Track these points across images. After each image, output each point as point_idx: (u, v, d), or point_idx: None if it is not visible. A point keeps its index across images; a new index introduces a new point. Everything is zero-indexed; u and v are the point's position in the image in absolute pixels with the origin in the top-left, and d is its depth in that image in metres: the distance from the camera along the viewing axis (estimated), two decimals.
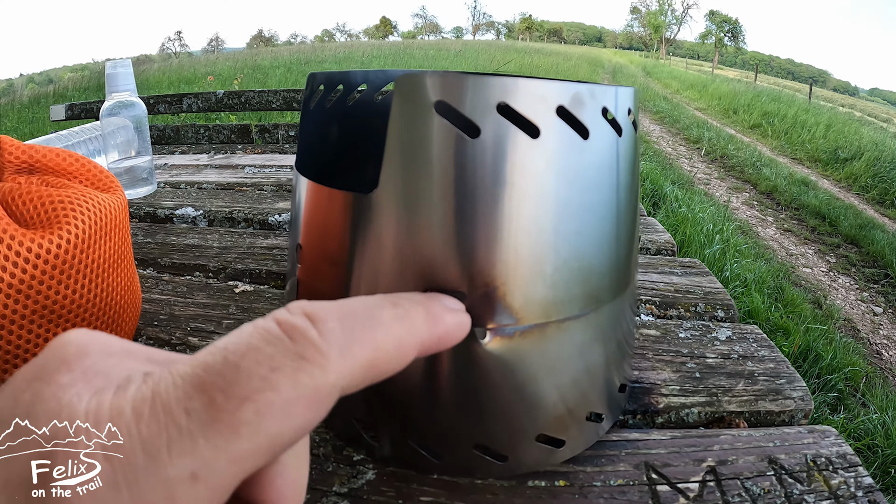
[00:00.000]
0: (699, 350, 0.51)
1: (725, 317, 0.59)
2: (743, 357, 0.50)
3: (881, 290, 3.10)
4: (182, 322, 0.55)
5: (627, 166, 0.31)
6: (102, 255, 0.43)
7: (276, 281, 0.65)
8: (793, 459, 0.38)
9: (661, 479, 0.36)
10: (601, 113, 0.29)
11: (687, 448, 0.39)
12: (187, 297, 0.60)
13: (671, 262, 0.70)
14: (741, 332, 0.54)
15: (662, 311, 0.60)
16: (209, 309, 0.57)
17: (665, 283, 0.64)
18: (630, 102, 0.31)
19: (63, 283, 0.39)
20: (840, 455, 0.39)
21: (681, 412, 0.43)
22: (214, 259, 0.69)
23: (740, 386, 0.46)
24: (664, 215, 3.48)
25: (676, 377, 0.46)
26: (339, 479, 0.36)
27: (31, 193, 0.40)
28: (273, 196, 0.96)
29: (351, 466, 0.37)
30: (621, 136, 0.30)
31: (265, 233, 0.79)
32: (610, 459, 0.37)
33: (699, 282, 0.65)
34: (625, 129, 0.31)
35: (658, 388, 0.45)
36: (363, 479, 0.36)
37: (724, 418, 0.43)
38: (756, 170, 5.42)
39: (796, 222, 4.20)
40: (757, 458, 0.38)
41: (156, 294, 0.61)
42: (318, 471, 0.37)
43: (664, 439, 0.39)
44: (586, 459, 0.37)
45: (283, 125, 1.95)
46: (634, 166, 0.33)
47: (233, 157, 1.30)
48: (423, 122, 0.26)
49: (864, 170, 5.50)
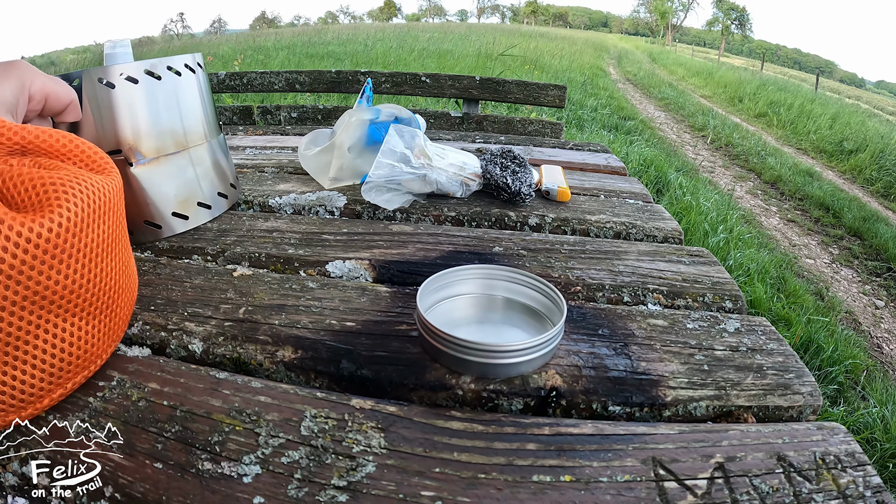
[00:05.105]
0: (707, 342, 0.49)
1: (733, 308, 0.58)
2: (751, 350, 0.49)
3: (883, 284, 3.09)
4: (179, 307, 0.54)
5: (192, 85, 0.71)
6: (96, 238, 0.41)
7: (275, 265, 0.64)
8: (801, 457, 0.37)
9: (669, 476, 0.35)
10: (167, 69, 0.67)
11: (695, 443, 0.38)
12: (185, 280, 0.59)
13: (678, 250, 0.69)
14: (749, 324, 0.53)
15: (670, 301, 0.58)
16: (207, 293, 0.56)
17: (672, 273, 0.63)
18: (183, 62, 0.70)
19: (55, 268, 0.38)
20: (849, 453, 0.38)
21: (689, 405, 0.42)
22: (213, 242, 0.68)
23: (749, 380, 0.45)
24: (668, 202, 3.45)
25: (684, 369, 0.45)
26: (337, 472, 0.35)
27: (23, 175, 0.39)
28: (274, 178, 0.94)
29: (350, 458, 0.36)
30: (180, 76, 0.69)
31: (265, 215, 0.78)
32: (617, 454, 0.36)
33: (707, 271, 0.64)
34: (183, 73, 0.69)
35: (666, 381, 0.44)
36: (363, 471, 0.35)
37: (733, 413, 0.42)
38: (761, 159, 5.37)
39: (800, 213, 4.17)
40: (766, 455, 0.37)
41: (153, 277, 0.59)
42: (317, 462, 0.36)
43: (672, 433, 0.38)
44: (593, 454, 0.36)
45: (285, 106, 1.92)
46: (199, 85, 0.72)
47: (233, 139, 1.28)
48: (92, 86, 0.62)
49: (870, 162, 5.45)
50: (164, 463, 0.36)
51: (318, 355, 0.47)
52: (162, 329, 0.51)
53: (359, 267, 0.63)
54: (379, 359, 0.46)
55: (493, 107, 5.19)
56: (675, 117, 7.61)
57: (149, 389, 0.42)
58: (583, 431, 0.38)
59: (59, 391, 0.40)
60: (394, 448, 0.37)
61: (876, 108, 13.27)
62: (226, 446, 0.37)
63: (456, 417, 0.40)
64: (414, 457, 0.36)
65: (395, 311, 0.53)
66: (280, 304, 0.54)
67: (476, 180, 0.86)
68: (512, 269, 0.52)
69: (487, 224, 0.79)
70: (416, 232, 0.72)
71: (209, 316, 0.52)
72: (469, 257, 0.65)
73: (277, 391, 0.42)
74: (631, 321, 0.52)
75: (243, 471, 0.35)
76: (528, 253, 0.67)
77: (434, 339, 0.44)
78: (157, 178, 0.68)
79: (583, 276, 0.61)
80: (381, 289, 0.58)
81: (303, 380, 0.47)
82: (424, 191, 0.82)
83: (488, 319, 0.51)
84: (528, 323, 0.50)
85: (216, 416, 0.40)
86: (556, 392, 0.43)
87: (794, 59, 66.46)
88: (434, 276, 0.50)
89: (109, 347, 0.45)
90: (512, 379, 0.43)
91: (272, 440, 0.38)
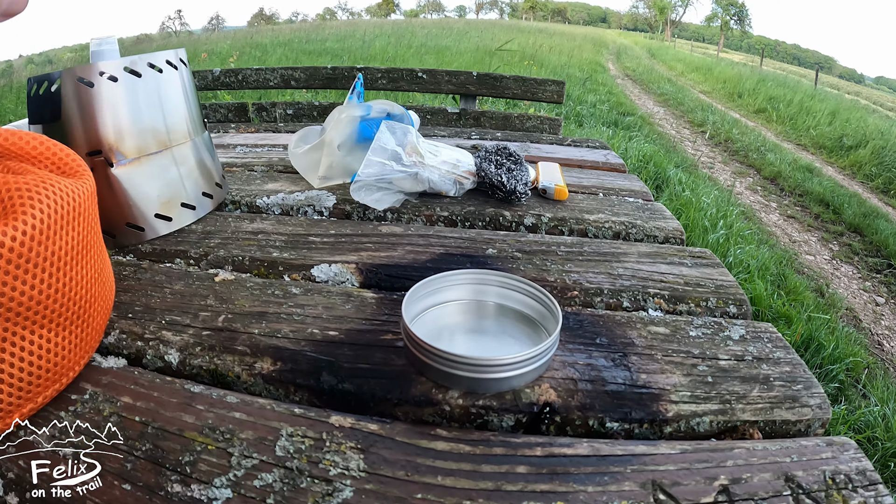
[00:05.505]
0: (711, 350, 0.47)
1: (738, 313, 0.56)
2: (758, 359, 0.46)
3: (884, 280, 3.06)
4: (158, 314, 0.51)
5: (175, 82, 0.69)
6: (65, 245, 0.39)
7: (259, 269, 0.61)
8: (811, 477, 0.35)
9: (670, 501, 0.32)
10: (148, 66, 0.65)
11: (698, 464, 0.35)
12: (165, 286, 0.56)
13: (680, 251, 0.67)
14: (755, 331, 0.50)
15: (672, 306, 0.56)
16: (186, 299, 0.54)
17: (674, 276, 0.60)
18: (165, 59, 0.67)
19: (20, 279, 0.35)
20: (860, 471, 0.36)
21: (691, 421, 0.40)
22: (196, 245, 0.66)
23: (755, 392, 0.42)
24: (667, 199, 3.42)
25: (687, 381, 0.43)
26: (312, 497, 0.33)
27: None
28: (263, 177, 0.92)
29: (327, 482, 0.34)
30: (162, 73, 0.66)
31: (251, 216, 0.75)
32: (614, 477, 0.34)
33: (710, 273, 0.61)
34: (165, 69, 0.67)
35: (667, 394, 0.41)
36: (340, 496, 0.33)
37: (738, 428, 0.40)
38: (760, 155, 5.34)
39: (800, 209, 4.15)
40: (773, 476, 0.35)
41: (133, 283, 0.57)
42: (291, 487, 0.33)
43: (673, 453, 0.36)
44: (588, 477, 0.34)
45: (280, 103, 1.89)
46: (182, 81, 0.70)
47: (224, 137, 1.25)
48: (72, 85, 0.60)
49: (870, 158, 5.42)
50: (132, 484, 0.34)
51: (298, 367, 0.45)
52: (139, 338, 0.48)
53: (345, 271, 0.61)
54: (362, 371, 0.44)
55: (491, 103, 5.15)
56: (674, 113, 7.57)
57: (121, 404, 0.40)
58: (577, 452, 0.36)
59: (28, 406, 0.38)
60: (373, 471, 0.35)
61: (875, 103, 13.22)
62: (197, 467, 0.35)
63: (441, 437, 0.38)
64: (394, 481, 0.34)
65: (380, 318, 0.51)
66: (261, 312, 0.52)
67: (470, 178, 0.83)
68: (504, 273, 0.50)
69: (481, 224, 0.76)
70: (407, 233, 0.69)
71: (187, 324, 0.50)
72: (461, 260, 0.62)
73: (254, 407, 0.40)
74: (631, 329, 0.50)
75: (213, 494, 0.33)
76: (522, 255, 0.64)
77: (420, 351, 0.41)
78: (139, 178, 0.65)
79: (580, 280, 0.59)
80: (368, 295, 0.55)
81: (282, 393, 0.44)
82: (416, 190, 0.80)
83: (479, 328, 0.49)
84: (521, 331, 0.47)
85: (188, 433, 0.38)
86: (549, 408, 0.40)
87: (793, 55, 66.32)
88: (421, 282, 0.47)
89: (83, 359, 0.43)
90: (503, 394, 0.41)
91: (245, 461, 0.35)
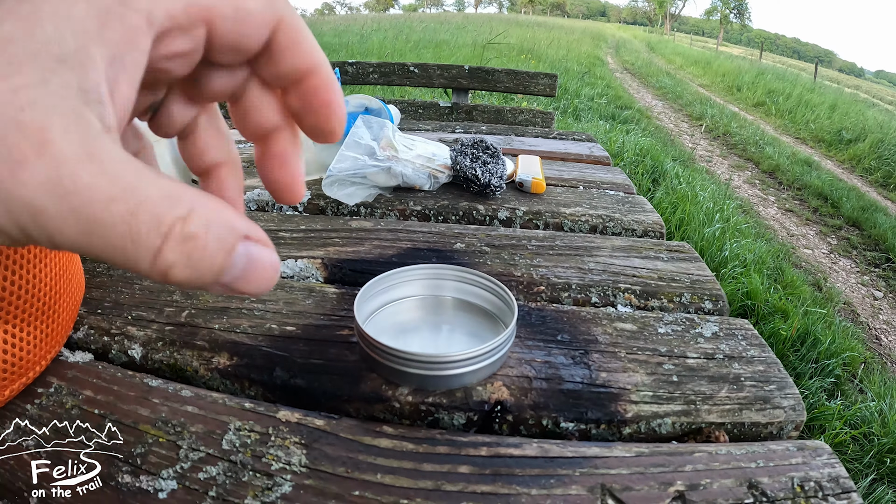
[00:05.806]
0: (679, 348, 0.45)
1: (713, 309, 0.53)
2: (729, 357, 0.44)
3: (882, 275, 3.04)
4: (125, 310, 0.50)
5: None
6: None
7: None
8: (776, 483, 0.33)
9: None
10: None
11: (653, 468, 0.33)
12: (134, 282, 0.55)
13: (657, 245, 0.64)
14: (729, 328, 0.48)
15: (643, 302, 0.54)
16: (154, 295, 0.52)
17: (648, 270, 0.58)
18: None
19: None
20: (832, 478, 0.33)
21: (652, 423, 0.38)
22: None
23: (723, 392, 0.40)
24: (664, 192, 3.39)
25: (650, 381, 0.41)
26: (252, 491, 0.32)
27: None
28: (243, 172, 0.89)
29: (268, 476, 0.32)
30: None
31: None
32: (561, 480, 0.32)
33: (686, 268, 0.59)
34: None
35: (627, 394, 0.39)
36: (279, 491, 0.32)
37: (702, 430, 0.38)
38: (759, 148, 5.31)
39: (798, 202, 4.12)
40: (735, 482, 0.32)
41: (105, 279, 0.55)
42: (233, 480, 0.32)
43: (628, 456, 0.34)
44: (532, 479, 0.32)
45: None
46: None
47: None
48: None
49: (869, 152, 5.38)
50: None
51: (253, 362, 0.43)
52: (105, 333, 0.47)
53: (310, 266, 0.58)
54: (314, 367, 0.42)
55: (486, 97, 5.12)
56: (672, 106, 7.53)
57: (83, 397, 0.39)
58: (525, 453, 0.34)
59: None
60: (314, 466, 0.33)
61: (875, 97, 13.18)
62: (147, 459, 0.34)
63: (386, 434, 0.36)
64: (334, 477, 0.32)
65: (339, 314, 0.48)
66: (223, 307, 0.50)
67: (445, 172, 0.81)
68: (461, 268, 0.47)
69: (455, 218, 0.74)
70: (376, 228, 0.67)
71: (152, 320, 0.49)
72: (427, 255, 0.60)
73: (206, 401, 0.39)
74: (595, 325, 0.47)
75: (160, 485, 0.32)
76: (490, 249, 0.62)
77: (369, 348, 0.39)
78: None
79: (548, 275, 0.56)
80: (329, 290, 0.53)
81: (237, 388, 0.43)
82: (390, 184, 0.77)
83: (436, 323, 0.47)
84: (480, 325, 0.45)
85: (142, 426, 0.37)
86: (501, 406, 0.38)
87: (792, 49, 66.11)
88: (376, 278, 0.45)
89: (49, 353, 0.42)
90: (453, 391, 0.39)
91: (192, 454, 0.34)
